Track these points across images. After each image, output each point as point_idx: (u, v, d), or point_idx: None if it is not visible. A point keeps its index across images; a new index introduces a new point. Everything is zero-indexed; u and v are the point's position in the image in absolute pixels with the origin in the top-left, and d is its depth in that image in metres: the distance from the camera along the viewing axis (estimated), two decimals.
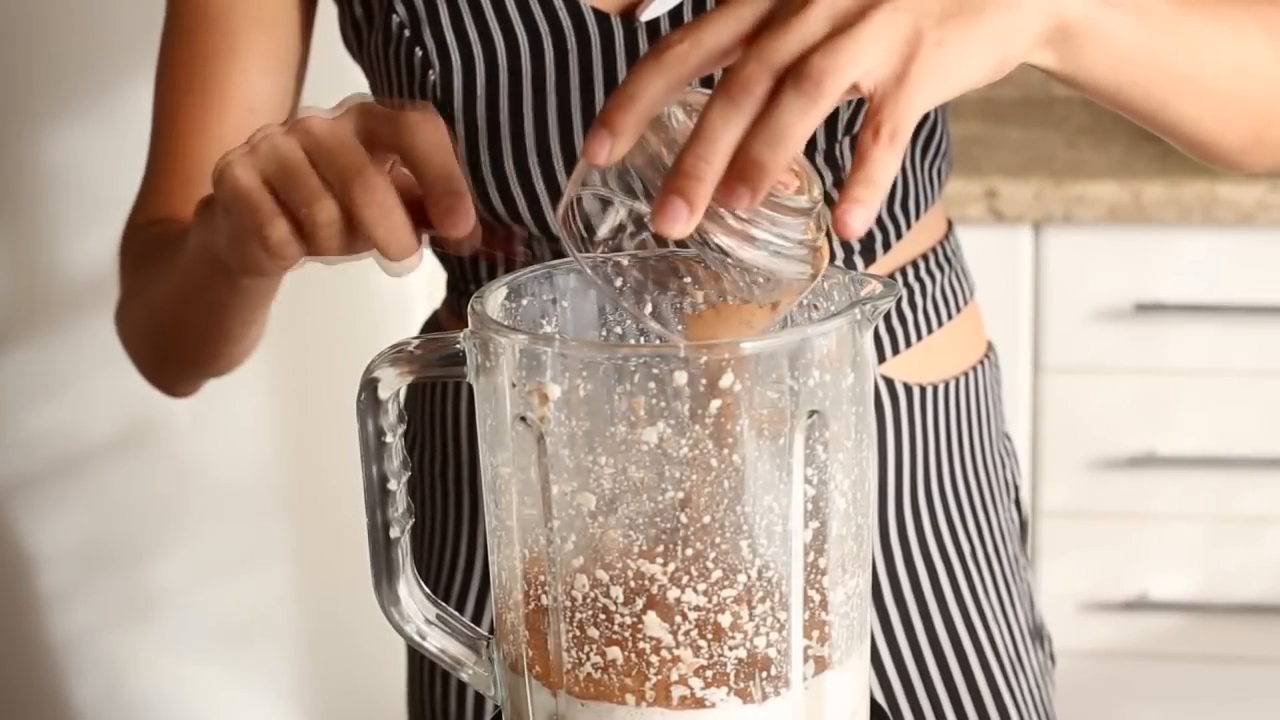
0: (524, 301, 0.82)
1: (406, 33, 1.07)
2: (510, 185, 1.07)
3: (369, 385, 0.80)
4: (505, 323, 0.78)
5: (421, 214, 0.83)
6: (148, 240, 1.13)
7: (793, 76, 0.73)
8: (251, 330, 1.08)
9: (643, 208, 0.77)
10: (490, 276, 1.14)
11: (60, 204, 2.07)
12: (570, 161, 1.06)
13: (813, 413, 0.74)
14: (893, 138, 0.74)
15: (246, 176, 0.84)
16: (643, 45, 1.06)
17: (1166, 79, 0.86)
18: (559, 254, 1.11)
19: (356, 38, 1.12)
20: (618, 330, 0.84)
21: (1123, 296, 2.09)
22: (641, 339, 0.84)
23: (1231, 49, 0.90)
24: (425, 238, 0.85)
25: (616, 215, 0.79)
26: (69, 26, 2.03)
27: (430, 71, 1.06)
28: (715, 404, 0.73)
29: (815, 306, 0.82)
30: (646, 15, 1.06)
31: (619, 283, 0.84)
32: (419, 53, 1.07)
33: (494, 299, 0.80)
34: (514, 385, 0.75)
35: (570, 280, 0.83)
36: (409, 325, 1.97)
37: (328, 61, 1.21)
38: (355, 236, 0.84)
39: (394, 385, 0.80)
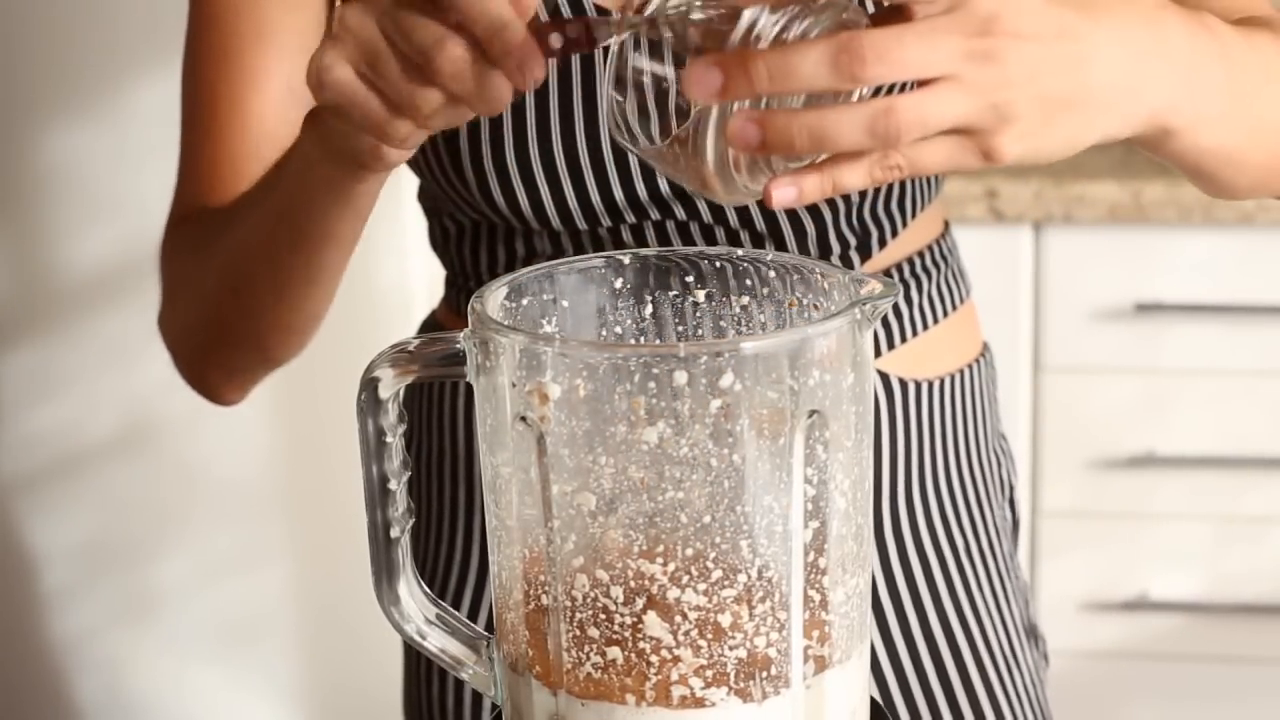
0: (524, 301, 0.82)
1: None
2: (511, 178, 1.07)
3: (369, 385, 0.80)
4: (505, 322, 0.78)
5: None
6: (202, 224, 1.12)
7: (875, 108, 0.73)
8: (332, 283, 1.07)
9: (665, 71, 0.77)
10: (490, 274, 1.14)
11: (60, 204, 2.07)
12: (571, 157, 1.07)
13: (813, 412, 0.74)
14: (887, 170, 0.75)
15: (345, 75, 0.84)
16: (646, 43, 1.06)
17: (1226, 163, 0.88)
18: (559, 252, 1.11)
19: None
20: (617, 330, 0.84)
21: (1123, 296, 2.09)
22: (641, 339, 0.85)
23: None
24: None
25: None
26: (69, 27, 2.03)
27: None
28: (715, 404, 0.73)
29: (815, 306, 0.82)
30: (650, 11, 1.06)
31: (618, 283, 0.84)
32: None
33: (494, 299, 0.80)
34: (514, 385, 0.75)
35: (570, 280, 0.83)
36: (409, 325, 1.97)
37: None
38: (458, 107, 0.84)
39: (394, 385, 0.80)
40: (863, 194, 1.11)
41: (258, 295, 1.09)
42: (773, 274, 0.83)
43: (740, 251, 0.84)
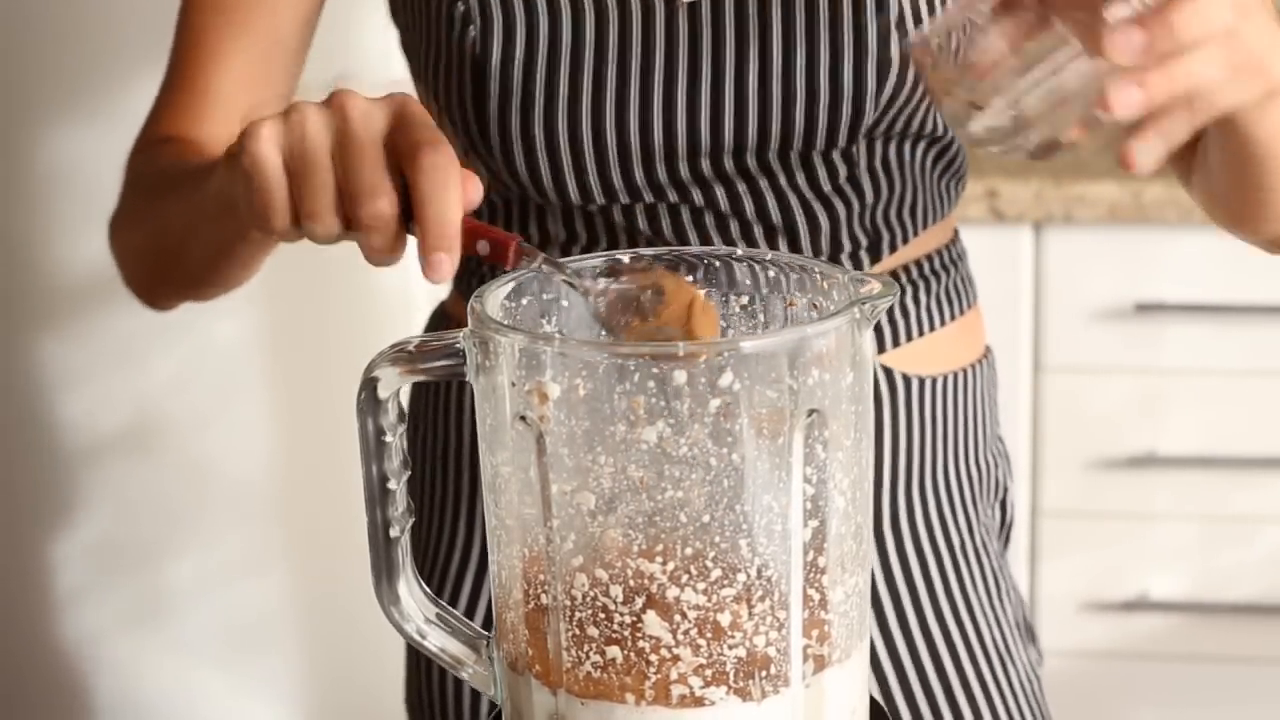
0: (524, 301, 0.82)
1: None
2: (536, 150, 1.08)
3: (369, 385, 0.80)
4: (505, 322, 0.78)
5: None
6: (161, 164, 1.14)
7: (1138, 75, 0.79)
8: (249, 271, 1.11)
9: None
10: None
11: (60, 204, 2.07)
12: (599, 137, 1.07)
13: (812, 411, 0.75)
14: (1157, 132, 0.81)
15: (270, 155, 0.87)
16: (683, 27, 1.07)
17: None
18: (571, 234, 1.11)
19: None
20: None
21: (1123, 296, 2.09)
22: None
23: None
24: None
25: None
26: (69, 27, 2.03)
27: (471, 27, 1.07)
28: (715, 403, 0.73)
29: (815, 306, 0.82)
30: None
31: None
32: (460, 7, 1.07)
33: (494, 298, 0.80)
34: (514, 384, 0.75)
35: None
36: (410, 325, 1.97)
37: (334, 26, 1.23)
38: (348, 235, 0.88)
39: (394, 384, 0.80)
40: (876, 196, 1.11)
41: (174, 260, 1.12)
42: (772, 273, 0.83)
43: (740, 251, 0.85)
